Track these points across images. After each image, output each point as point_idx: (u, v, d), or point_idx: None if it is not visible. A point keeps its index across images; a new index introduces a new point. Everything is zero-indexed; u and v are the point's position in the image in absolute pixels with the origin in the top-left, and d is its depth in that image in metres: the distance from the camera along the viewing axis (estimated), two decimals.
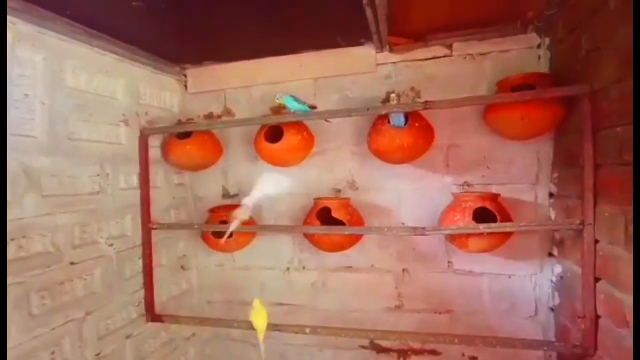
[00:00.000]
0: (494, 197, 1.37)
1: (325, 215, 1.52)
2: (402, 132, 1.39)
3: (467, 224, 1.30)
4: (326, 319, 1.70)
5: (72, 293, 1.25)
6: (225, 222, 1.63)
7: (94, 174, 1.35)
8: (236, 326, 1.48)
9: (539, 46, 1.45)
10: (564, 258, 1.36)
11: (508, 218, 1.34)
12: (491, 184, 1.51)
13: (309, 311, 1.76)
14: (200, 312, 1.87)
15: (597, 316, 1.09)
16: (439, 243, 1.58)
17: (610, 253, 1.03)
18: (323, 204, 1.54)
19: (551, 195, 1.45)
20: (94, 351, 1.32)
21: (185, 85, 1.86)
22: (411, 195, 1.61)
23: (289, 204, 1.73)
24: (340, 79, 1.67)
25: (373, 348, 1.70)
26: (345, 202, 1.57)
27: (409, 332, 1.48)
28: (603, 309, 1.07)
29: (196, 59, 1.75)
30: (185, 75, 1.85)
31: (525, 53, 1.46)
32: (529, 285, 1.50)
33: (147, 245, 1.56)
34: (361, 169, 1.66)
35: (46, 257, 1.16)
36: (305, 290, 1.77)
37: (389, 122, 1.40)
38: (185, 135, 1.64)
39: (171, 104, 1.80)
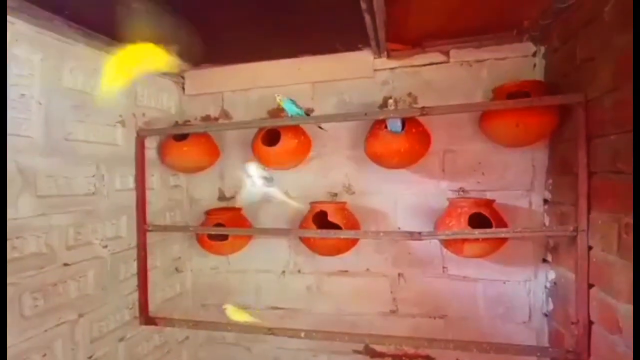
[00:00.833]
0: (489, 203, 1.39)
1: (321, 219, 1.52)
2: (399, 138, 1.40)
3: (463, 230, 1.31)
4: (321, 323, 1.70)
5: (66, 295, 1.23)
6: (221, 225, 1.63)
7: (89, 174, 1.34)
8: (230, 330, 1.48)
9: (534, 54, 1.47)
10: (558, 264, 1.37)
11: (503, 224, 1.35)
12: (486, 190, 1.52)
13: (304, 315, 1.76)
14: (194, 315, 1.86)
15: (591, 322, 1.10)
16: (435, 248, 1.58)
17: (604, 260, 1.04)
18: (319, 208, 1.54)
19: (545, 201, 1.46)
20: (87, 354, 1.30)
21: (183, 88, 1.86)
22: (407, 200, 1.62)
23: (285, 208, 1.72)
24: (338, 83, 1.68)
25: (367, 353, 1.70)
26: (342, 206, 1.57)
27: (403, 337, 1.48)
28: (596, 315, 1.08)
29: (194, 62, 1.75)
30: (183, 77, 1.84)
31: (521, 61, 1.48)
32: (523, 291, 1.51)
33: (142, 247, 1.55)
34: (358, 174, 1.67)
35: (40, 258, 1.15)
36: (301, 294, 1.76)
37: (386, 128, 1.41)
38: (182, 137, 1.64)
39: (168, 106, 1.79)
